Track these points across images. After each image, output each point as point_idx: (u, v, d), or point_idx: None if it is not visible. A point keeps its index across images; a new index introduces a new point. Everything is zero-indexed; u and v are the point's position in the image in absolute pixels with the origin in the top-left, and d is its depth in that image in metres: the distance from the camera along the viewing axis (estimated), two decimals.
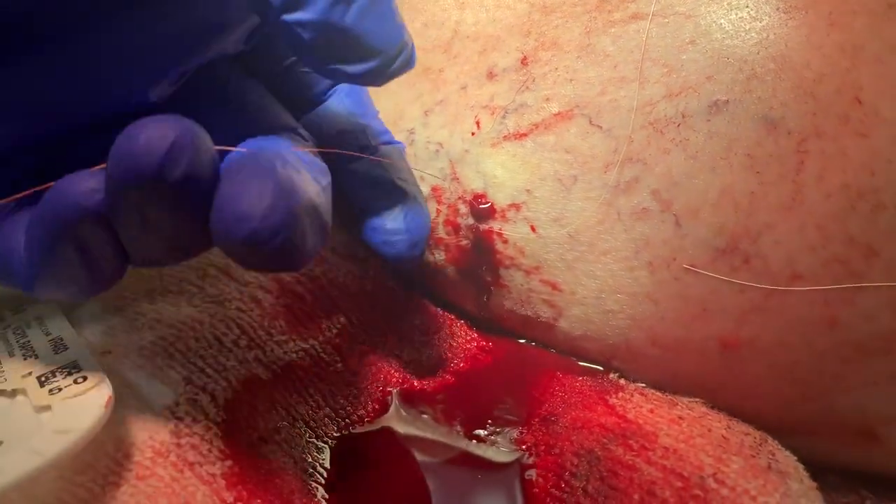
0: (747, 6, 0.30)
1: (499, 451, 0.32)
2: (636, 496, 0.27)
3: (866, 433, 0.33)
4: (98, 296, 0.35)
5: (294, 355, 0.34)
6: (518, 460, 0.31)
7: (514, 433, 0.32)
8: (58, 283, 0.26)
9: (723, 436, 0.30)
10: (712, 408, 0.32)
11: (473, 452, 0.32)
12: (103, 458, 0.27)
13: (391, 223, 0.33)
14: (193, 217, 0.23)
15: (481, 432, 0.33)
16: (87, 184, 0.23)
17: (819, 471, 0.36)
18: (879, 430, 0.33)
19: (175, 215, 0.23)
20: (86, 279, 0.25)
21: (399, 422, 0.33)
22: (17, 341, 0.32)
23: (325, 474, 0.31)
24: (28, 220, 0.25)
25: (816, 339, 0.31)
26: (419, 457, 0.32)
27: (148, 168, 0.21)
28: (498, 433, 0.32)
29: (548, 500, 0.29)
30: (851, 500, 0.35)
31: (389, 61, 0.27)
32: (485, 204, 0.34)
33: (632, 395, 0.32)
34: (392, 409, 0.34)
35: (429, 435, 0.33)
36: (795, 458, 0.31)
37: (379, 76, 0.27)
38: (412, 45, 0.28)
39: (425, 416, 0.33)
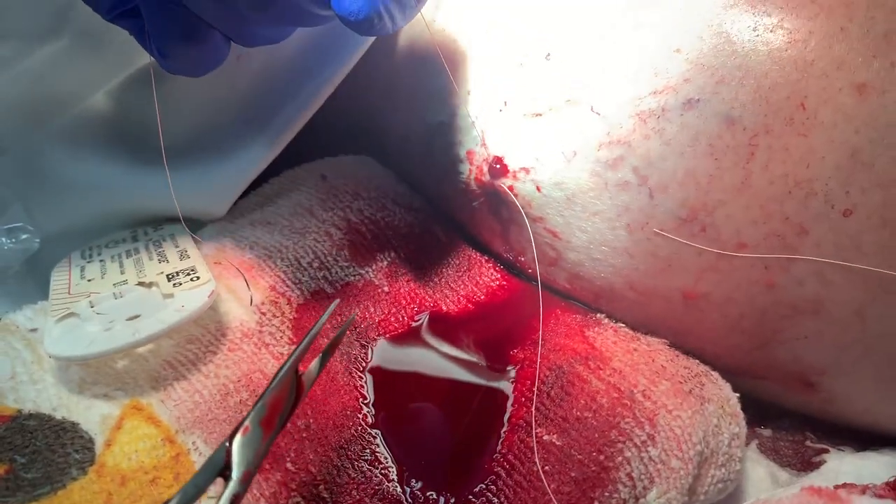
0: (723, 24, 0.36)
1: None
2: (582, 400, 0.35)
3: (804, 381, 0.39)
4: (215, 222, 0.46)
5: (352, 278, 0.44)
6: (506, 371, 0.40)
7: (511, 350, 0.40)
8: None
9: (662, 365, 0.37)
10: (671, 346, 0.40)
11: (475, 363, 0.40)
12: (206, 334, 0.38)
13: None
14: None
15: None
16: None
17: (774, 413, 0.43)
18: (813, 378, 0.39)
19: None
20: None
21: (425, 335, 0.42)
22: (155, 250, 0.43)
23: (364, 365, 0.41)
24: None
25: (758, 298, 0.37)
26: (436, 363, 0.41)
27: None
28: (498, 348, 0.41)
29: (522, 399, 0.37)
30: (796, 439, 0.41)
31: None
32: (499, 164, 0.42)
33: (605, 330, 0.40)
34: (423, 325, 0.43)
35: (445, 348, 0.41)
36: (737, 396, 0.38)
37: None
38: None
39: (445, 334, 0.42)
